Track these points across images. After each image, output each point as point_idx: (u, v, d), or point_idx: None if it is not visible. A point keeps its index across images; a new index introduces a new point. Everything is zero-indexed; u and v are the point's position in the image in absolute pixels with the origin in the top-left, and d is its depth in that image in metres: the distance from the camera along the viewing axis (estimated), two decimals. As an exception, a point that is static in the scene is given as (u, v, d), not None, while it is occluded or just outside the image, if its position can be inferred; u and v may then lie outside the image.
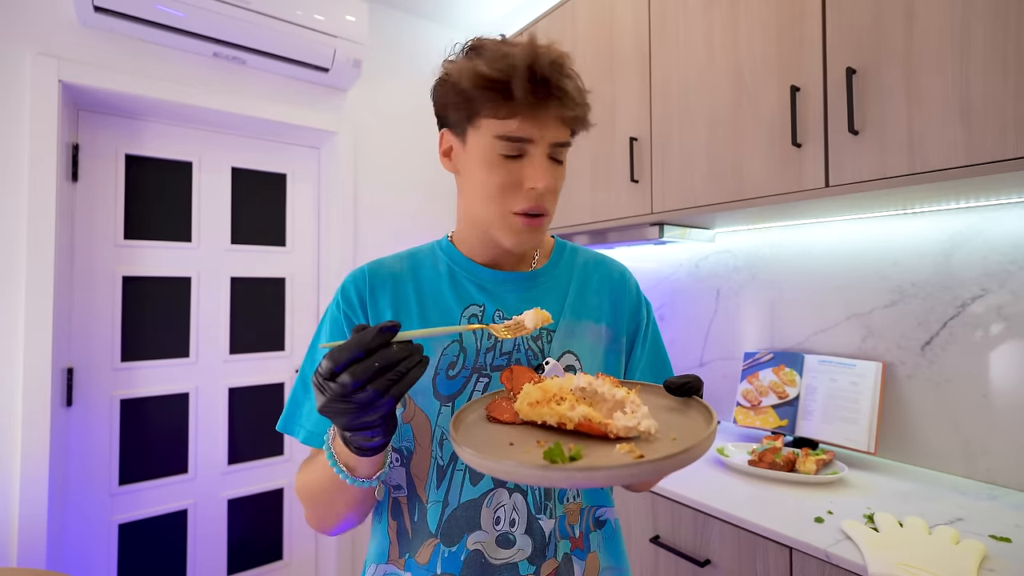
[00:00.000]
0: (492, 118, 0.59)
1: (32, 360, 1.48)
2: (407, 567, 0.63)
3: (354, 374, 0.41)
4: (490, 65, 0.58)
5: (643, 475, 0.40)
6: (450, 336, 0.65)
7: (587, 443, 0.46)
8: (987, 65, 0.90)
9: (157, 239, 1.84)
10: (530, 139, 0.59)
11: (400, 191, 2.29)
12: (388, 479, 0.66)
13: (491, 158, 0.60)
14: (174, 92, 1.72)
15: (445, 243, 0.73)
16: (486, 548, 0.61)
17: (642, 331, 0.74)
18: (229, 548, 1.94)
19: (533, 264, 0.73)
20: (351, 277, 0.69)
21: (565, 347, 0.67)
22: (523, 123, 0.58)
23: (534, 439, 0.48)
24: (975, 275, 1.20)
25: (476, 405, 0.56)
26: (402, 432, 0.64)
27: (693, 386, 0.52)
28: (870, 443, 1.25)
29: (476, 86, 0.58)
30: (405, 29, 2.32)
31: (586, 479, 0.39)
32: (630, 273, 0.78)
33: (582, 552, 0.65)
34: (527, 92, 0.56)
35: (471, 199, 0.65)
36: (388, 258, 0.72)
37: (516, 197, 0.61)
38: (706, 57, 1.35)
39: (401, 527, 0.64)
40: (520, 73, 0.56)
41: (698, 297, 1.80)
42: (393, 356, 0.42)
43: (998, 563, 0.82)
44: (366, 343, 0.42)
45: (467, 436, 0.48)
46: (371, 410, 0.43)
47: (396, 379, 0.42)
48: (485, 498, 0.62)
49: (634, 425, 0.46)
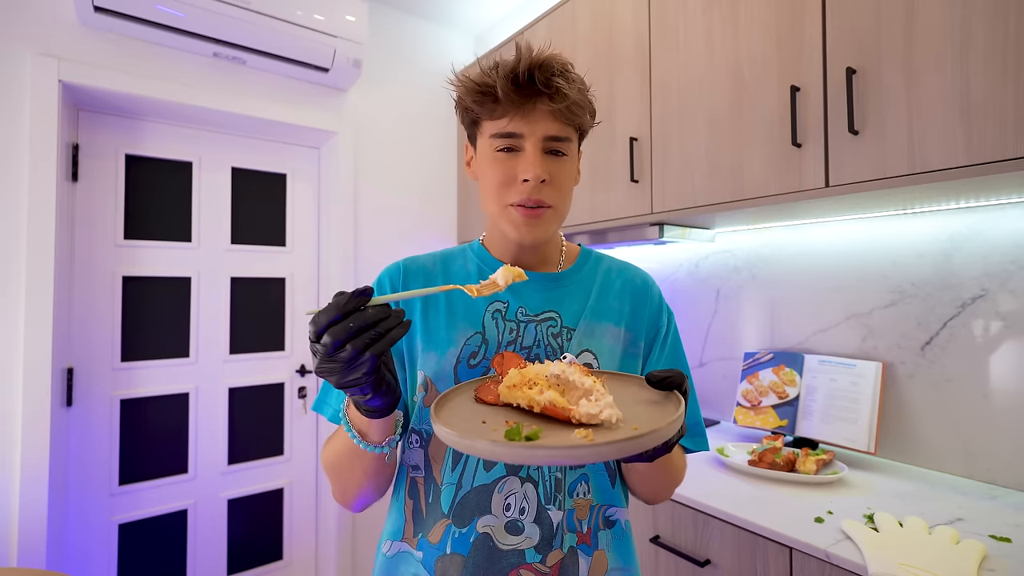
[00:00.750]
0: (489, 120, 0.66)
1: (32, 360, 1.48)
2: (419, 546, 0.66)
3: (333, 334, 0.46)
4: (480, 72, 0.65)
5: (585, 457, 0.42)
6: (474, 327, 0.68)
7: (551, 427, 0.49)
8: (987, 65, 0.90)
9: (157, 239, 1.84)
10: (520, 134, 0.64)
11: (400, 191, 2.29)
12: (407, 459, 0.70)
13: (491, 156, 0.66)
14: (174, 92, 1.72)
15: (477, 245, 0.77)
16: (495, 532, 0.63)
17: (661, 337, 0.75)
18: (229, 548, 1.94)
19: (559, 267, 0.76)
20: (387, 271, 0.74)
21: (584, 346, 0.69)
22: (513, 120, 0.64)
23: (506, 419, 0.51)
24: (975, 275, 1.20)
25: (468, 386, 0.60)
26: (422, 415, 0.68)
27: (674, 381, 0.53)
28: (870, 443, 1.25)
29: (470, 93, 0.65)
30: (405, 29, 2.32)
31: (529, 456, 0.43)
32: (653, 281, 0.80)
33: (588, 548, 0.66)
34: (511, 91, 0.62)
35: (483, 199, 0.70)
36: (423, 256, 0.77)
37: (512, 190, 0.65)
38: (706, 57, 1.35)
39: (417, 506, 0.68)
40: (504, 74, 0.63)
41: (698, 297, 1.80)
42: (368, 317, 0.46)
43: (998, 563, 0.82)
44: (342, 306, 0.46)
45: (449, 413, 0.52)
46: (354, 367, 0.47)
47: (375, 338, 0.46)
48: (497, 484, 0.64)
49: (596, 412, 0.47)
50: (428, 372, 0.67)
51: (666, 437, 0.44)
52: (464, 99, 0.66)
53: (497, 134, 0.65)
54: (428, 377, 0.67)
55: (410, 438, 0.69)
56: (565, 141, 0.66)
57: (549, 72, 0.62)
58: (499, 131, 0.65)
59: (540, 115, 0.63)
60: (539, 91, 0.62)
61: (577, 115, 0.65)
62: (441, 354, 0.67)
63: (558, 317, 0.70)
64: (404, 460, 0.71)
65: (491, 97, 0.64)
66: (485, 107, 0.65)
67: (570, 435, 0.46)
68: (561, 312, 0.71)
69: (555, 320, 0.70)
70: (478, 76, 0.65)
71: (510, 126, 0.64)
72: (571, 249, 0.80)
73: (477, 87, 0.64)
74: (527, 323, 0.69)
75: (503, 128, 0.64)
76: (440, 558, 0.63)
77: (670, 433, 0.45)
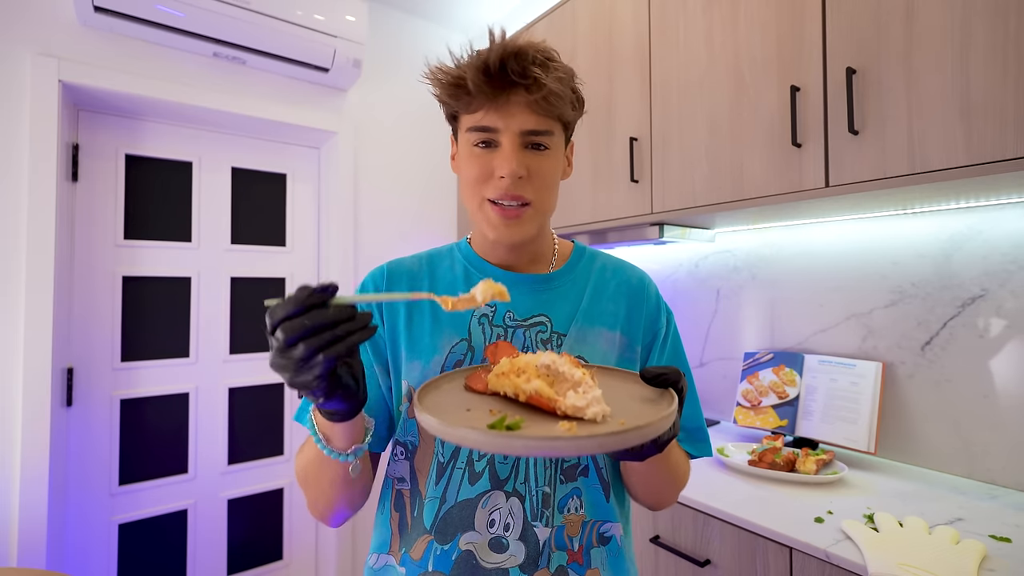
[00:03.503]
0: (465, 113, 0.63)
1: (32, 360, 1.48)
2: (402, 561, 0.63)
3: (285, 330, 0.42)
4: (454, 64, 0.62)
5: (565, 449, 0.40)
6: (459, 334, 0.65)
7: (536, 418, 0.48)
8: (987, 65, 0.90)
9: (157, 239, 1.84)
10: (495, 128, 0.61)
11: (400, 191, 2.29)
12: (392, 471, 0.67)
13: (468, 151, 0.64)
14: (174, 92, 1.72)
15: (464, 245, 0.74)
16: (478, 550, 0.60)
17: (660, 339, 0.72)
18: (229, 548, 1.94)
19: (551, 268, 0.72)
20: (371, 276, 0.71)
21: (576, 352, 0.66)
22: (487, 113, 0.61)
23: (491, 408, 0.50)
24: (975, 275, 1.20)
25: (459, 375, 0.59)
26: (407, 426, 0.65)
27: (669, 378, 0.51)
28: (870, 443, 1.25)
29: (443, 87, 0.62)
30: (405, 29, 2.32)
31: (506, 446, 0.41)
32: (650, 280, 0.76)
33: (580, 567, 0.63)
34: (483, 82, 0.59)
35: (461, 194, 0.68)
36: (407, 258, 0.74)
37: (488, 185, 0.63)
38: (706, 57, 1.35)
39: (403, 519, 0.65)
40: (475, 64, 0.59)
41: (698, 297, 1.80)
42: (327, 317, 0.42)
43: (998, 563, 0.82)
44: (300, 300, 0.42)
45: (433, 400, 0.50)
46: (306, 368, 0.43)
47: (332, 340, 0.42)
48: (481, 499, 0.61)
49: (582, 405, 0.46)
50: (412, 382, 0.64)
51: (653, 434, 0.42)
52: (440, 94, 0.63)
53: (473, 127, 0.62)
54: (412, 387, 0.64)
55: (395, 450, 0.67)
56: (545, 135, 0.62)
57: (525, 61, 0.59)
58: (474, 124, 0.62)
59: (516, 108, 0.60)
60: (514, 82, 0.59)
61: (556, 106, 0.61)
62: (426, 362, 0.64)
63: (548, 322, 0.67)
64: (389, 472, 0.68)
65: (464, 90, 0.60)
66: (460, 101, 0.62)
67: (553, 426, 0.45)
68: (551, 316, 0.67)
69: (545, 325, 0.67)
70: (450, 68, 0.62)
71: (485, 120, 0.61)
72: (563, 247, 0.76)
73: (450, 80, 0.61)
74: (515, 328, 0.66)
75: (478, 122, 0.61)
76: (422, 575, 0.61)
77: (658, 430, 0.43)
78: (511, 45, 0.59)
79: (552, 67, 0.61)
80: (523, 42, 0.60)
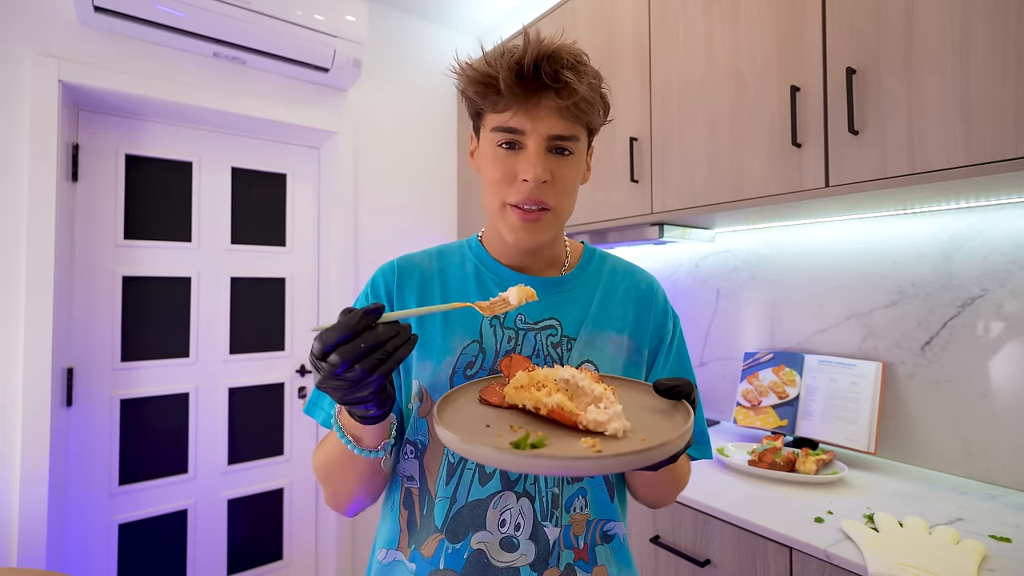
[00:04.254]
0: (492, 112, 0.62)
1: (32, 360, 1.48)
2: (412, 558, 0.64)
3: (342, 354, 0.44)
4: (484, 62, 0.61)
5: (591, 469, 0.41)
6: (471, 336, 0.65)
7: (557, 434, 0.48)
8: (987, 65, 0.90)
9: (157, 239, 1.84)
10: (522, 130, 0.60)
11: (400, 191, 2.29)
12: (401, 469, 0.67)
13: (492, 151, 0.63)
14: (174, 92, 1.72)
15: (474, 243, 0.73)
16: (489, 549, 0.61)
17: (666, 344, 0.72)
18: (229, 548, 1.94)
19: (563, 270, 0.72)
20: (381, 271, 0.71)
21: (585, 356, 0.66)
22: (516, 115, 0.60)
23: (511, 423, 0.50)
24: (975, 275, 1.20)
25: (473, 387, 0.58)
26: (418, 426, 0.65)
27: (683, 390, 0.52)
28: (870, 443, 1.25)
29: (472, 83, 0.61)
30: (405, 29, 2.32)
31: (532, 466, 0.41)
32: (659, 285, 0.76)
33: (587, 564, 0.64)
34: (515, 83, 0.58)
35: (483, 194, 0.67)
36: (418, 254, 0.73)
37: (511, 189, 0.62)
38: (706, 57, 1.35)
39: (411, 517, 0.65)
40: (508, 65, 0.58)
41: (698, 297, 1.80)
42: (378, 336, 0.44)
43: (998, 563, 0.82)
44: (352, 325, 0.44)
45: (452, 415, 0.50)
46: (362, 387, 0.46)
47: (384, 358, 0.45)
48: (492, 499, 0.62)
49: (604, 420, 0.46)
50: (423, 382, 0.65)
51: (674, 451, 0.43)
52: (467, 90, 0.62)
53: (499, 127, 0.61)
54: (423, 387, 0.65)
55: (405, 448, 0.67)
56: (571, 140, 0.61)
57: (558, 64, 0.58)
58: (501, 124, 0.61)
59: (545, 111, 0.59)
60: (545, 85, 0.58)
61: (586, 112, 0.61)
62: (437, 363, 0.65)
63: (558, 325, 0.67)
64: (398, 470, 0.68)
65: (494, 89, 0.59)
66: (488, 99, 0.61)
67: (576, 444, 0.45)
68: (562, 319, 0.68)
69: (555, 328, 0.67)
70: (481, 65, 0.61)
71: (512, 121, 0.60)
72: (574, 248, 0.76)
73: (480, 77, 0.60)
74: (526, 331, 0.66)
75: (505, 122, 0.60)
76: (433, 573, 0.62)
77: (678, 446, 0.43)
78: (546, 47, 0.58)
79: (583, 71, 0.60)
80: (557, 44, 0.59)
